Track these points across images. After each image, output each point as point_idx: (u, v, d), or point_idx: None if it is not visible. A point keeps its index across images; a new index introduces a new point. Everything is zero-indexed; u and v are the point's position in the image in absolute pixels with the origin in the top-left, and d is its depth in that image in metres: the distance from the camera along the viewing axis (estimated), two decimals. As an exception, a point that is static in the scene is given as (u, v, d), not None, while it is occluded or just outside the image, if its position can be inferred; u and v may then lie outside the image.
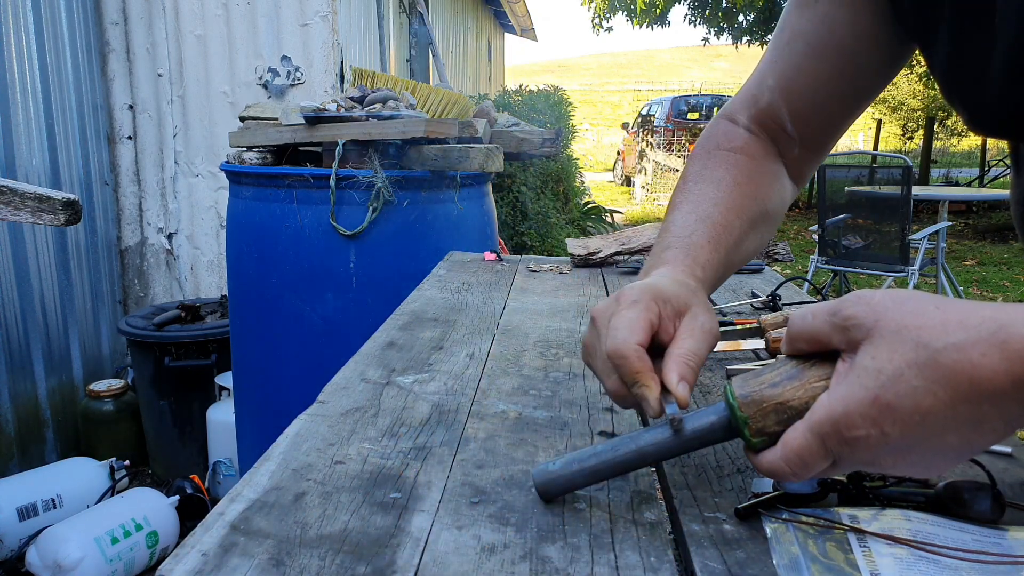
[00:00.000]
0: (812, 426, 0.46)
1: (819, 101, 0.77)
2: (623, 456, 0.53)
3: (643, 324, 0.57)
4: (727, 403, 0.51)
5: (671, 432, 0.53)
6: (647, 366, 0.56)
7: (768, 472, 0.49)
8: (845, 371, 0.45)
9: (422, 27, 5.44)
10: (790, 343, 0.50)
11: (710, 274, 0.68)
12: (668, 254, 0.68)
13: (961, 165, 14.51)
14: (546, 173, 6.34)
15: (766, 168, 0.78)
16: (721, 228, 0.70)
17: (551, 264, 1.50)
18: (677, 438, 0.53)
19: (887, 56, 0.74)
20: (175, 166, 3.43)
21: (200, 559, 0.47)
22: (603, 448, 0.54)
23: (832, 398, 0.45)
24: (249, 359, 2.11)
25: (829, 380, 0.47)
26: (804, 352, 0.49)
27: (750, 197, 0.74)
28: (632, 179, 14.57)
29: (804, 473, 0.47)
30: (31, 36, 2.88)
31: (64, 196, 1.56)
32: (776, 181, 0.79)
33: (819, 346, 0.48)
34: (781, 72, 0.78)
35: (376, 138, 1.88)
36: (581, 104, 23.06)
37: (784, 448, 0.47)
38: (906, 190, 4.76)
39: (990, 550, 0.47)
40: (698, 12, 12.84)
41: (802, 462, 0.46)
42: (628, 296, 0.59)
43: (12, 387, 2.80)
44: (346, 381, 0.80)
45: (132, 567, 2.21)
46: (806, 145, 0.81)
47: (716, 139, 0.80)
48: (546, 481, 0.54)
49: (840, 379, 0.46)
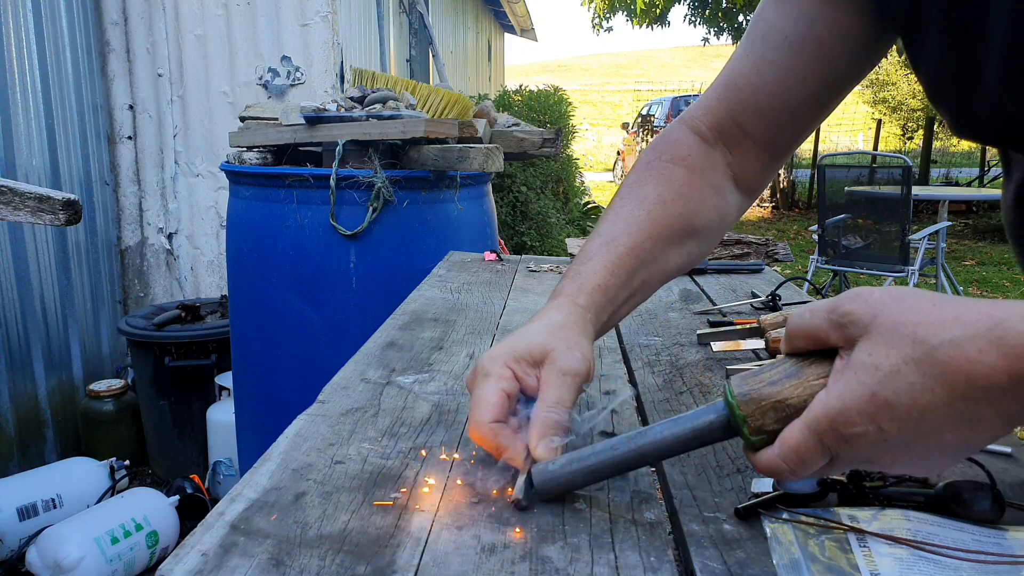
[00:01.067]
0: (810, 423, 0.46)
1: (790, 98, 0.75)
2: (623, 455, 0.53)
3: (496, 399, 0.58)
4: (726, 402, 0.51)
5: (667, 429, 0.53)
6: (504, 441, 0.57)
7: (766, 470, 0.49)
8: (842, 368, 0.45)
9: (422, 27, 5.44)
10: (789, 341, 0.50)
11: (600, 297, 0.68)
12: (563, 283, 0.70)
13: (961, 165, 14.51)
14: (546, 173, 6.34)
15: (705, 182, 0.77)
16: (625, 251, 0.70)
17: (551, 264, 1.50)
18: (677, 437, 0.52)
19: (864, 55, 0.73)
20: (175, 166, 3.43)
21: (200, 559, 0.47)
22: (603, 447, 0.54)
23: (830, 395, 0.45)
24: (249, 359, 2.11)
25: (826, 379, 0.47)
26: (803, 350, 0.49)
27: (674, 215, 0.74)
28: (632, 179, 14.53)
29: (802, 471, 0.47)
30: (31, 36, 2.88)
31: (64, 196, 1.56)
32: (714, 196, 0.78)
33: (817, 344, 0.48)
34: (752, 65, 0.76)
35: (376, 138, 1.88)
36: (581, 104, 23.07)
37: (782, 446, 0.47)
38: (906, 190, 4.76)
39: (990, 550, 0.47)
40: (698, 12, 12.84)
41: (800, 460, 0.46)
42: (483, 368, 0.61)
43: (12, 387, 2.80)
44: (346, 381, 0.80)
45: (132, 567, 2.21)
46: (767, 149, 0.79)
47: (662, 148, 0.79)
48: (545, 480, 0.54)
49: (837, 376, 0.45)
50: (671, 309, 1.17)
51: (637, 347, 0.96)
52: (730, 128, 0.78)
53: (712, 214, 0.77)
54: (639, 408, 0.76)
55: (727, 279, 1.38)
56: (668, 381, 0.84)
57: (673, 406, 0.76)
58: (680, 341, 1.00)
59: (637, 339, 1.00)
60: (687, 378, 0.85)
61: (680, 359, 0.92)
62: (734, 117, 0.78)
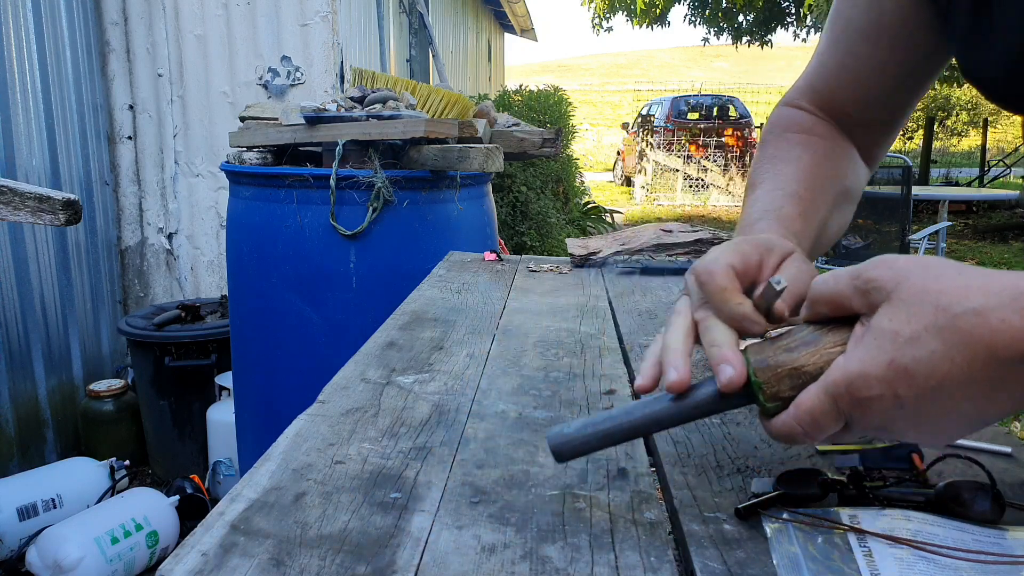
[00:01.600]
0: (827, 387, 0.46)
1: (874, 85, 0.77)
2: (637, 420, 0.52)
3: (734, 257, 0.55)
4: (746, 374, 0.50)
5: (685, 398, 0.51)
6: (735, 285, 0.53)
7: (780, 435, 0.49)
8: (862, 334, 0.45)
9: (422, 27, 5.44)
10: (811, 307, 0.49)
11: (805, 246, 0.65)
12: (760, 225, 0.66)
13: (961, 165, 14.51)
14: (546, 173, 6.34)
15: (839, 147, 0.78)
16: (808, 203, 0.69)
17: (551, 264, 1.50)
18: (691, 404, 0.51)
19: (934, 39, 0.74)
20: (175, 166, 3.43)
21: (200, 559, 0.47)
22: (617, 412, 0.53)
23: (848, 360, 0.45)
24: (249, 359, 2.11)
25: (844, 346, 0.47)
26: (824, 316, 0.49)
27: (830, 176, 0.74)
28: (632, 179, 14.57)
29: (816, 434, 0.47)
30: (31, 36, 2.88)
31: (64, 196, 1.56)
32: (850, 160, 0.79)
33: (840, 310, 0.48)
34: (836, 58, 0.79)
35: (376, 138, 1.88)
36: (581, 104, 23.06)
37: (797, 409, 0.47)
38: (906, 190, 4.77)
39: (990, 550, 0.47)
40: (698, 12, 12.84)
41: (814, 422, 0.46)
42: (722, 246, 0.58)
43: (12, 387, 2.80)
44: (346, 381, 0.80)
45: (132, 567, 2.21)
46: (871, 127, 0.81)
47: (783, 124, 0.80)
48: (561, 443, 0.53)
49: (857, 341, 0.45)
50: (671, 309, 1.17)
51: (637, 347, 0.96)
52: (829, 109, 0.80)
53: (854, 178, 0.79)
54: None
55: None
56: (668, 381, 0.83)
57: (673, 406, 0.76)
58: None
59: (637, 339, 1.00)
60: (687, 378, 0.85)
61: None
62: (829, 101, 0.80)
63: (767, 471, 0.60)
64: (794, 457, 0.63)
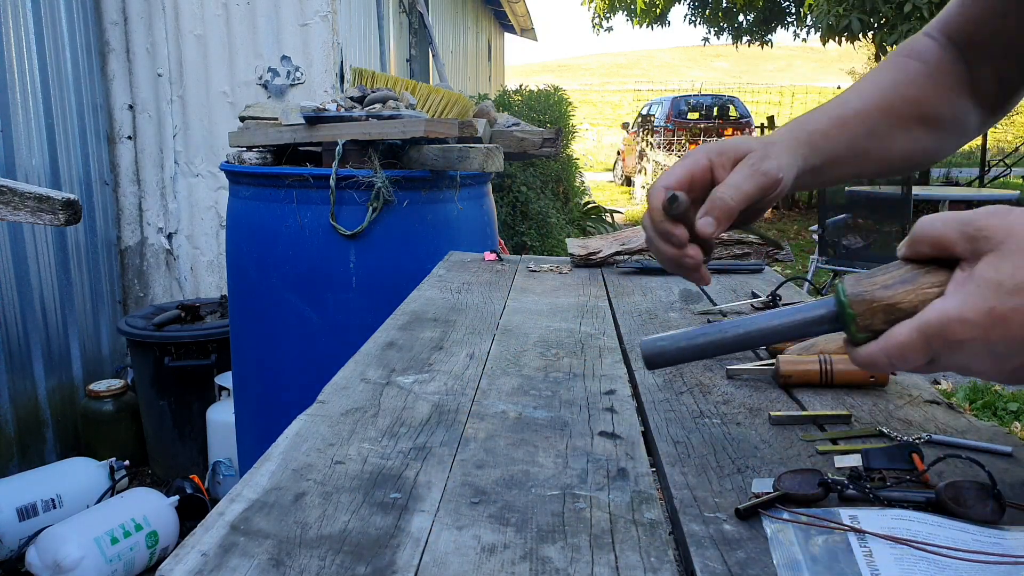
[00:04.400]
0: (922, 326, 0.47)
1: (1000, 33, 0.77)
2: (730, 337, 0.56)
3: (680, 173, 0.62)
4: (837, 300, 0.52)
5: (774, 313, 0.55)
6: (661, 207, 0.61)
7: (864, 362, 0.51)
8: (963, 280, 0.47)
9: (422, 27, 5.44)
10: (911, 245, 0.51)
11: (821, 142, 0.70)
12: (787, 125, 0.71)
13: (961, 165, 14.50)
14: (546, 173, 6.34)
15: (940, 75, 0.79)
16: (853, 111, 0.73)
17: (551, 264, 1.50)
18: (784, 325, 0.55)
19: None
20: (175, 166, 3.43)
21: (200, 559, 0.47)
22: (711, 329, 0.56)
23: (947, 304, 0.47)
24: (249, 359, 2.11)
25: (941, 288, 0.49)
26: (923, 256, 0.50)
27: (906, 97, 0.76)
28: (632, 179, 14.56)
29: (901, 366, 0.50)
30: (31, 36, 2.88)
31: (64, 196, 1.56)
32: (949, 91, 0.79)
33: (942, 252, 0.49)
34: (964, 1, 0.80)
35: (376, 138, 1.88)
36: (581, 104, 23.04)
37: (888, 341, 0.49)
38: (906, 190, 4.76)
39: (990, 550, 0.47)
40: (698, 12, 12.84)
41: (902, 356, 0.49)
42: (687, 154, 0.65)
43: (12, 387, 2.80)
44: (346, 381, 0.80)
45: (132, 567, 2.21)
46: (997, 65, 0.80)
47: (903, 47, 0.82)
48: (655, 352, 0.57)
49: (957, 287, 0.47)
50: (671, 309, 1.17)
51: (637, 347, 0.96)
52: (957, 38, 0.80)
53: (946, 109, 0.79)
54: (639, 408, 0.76)
55: (727, 279, 1.38)
56: (668, 381, 0.84)
57: (673, 406, 0.76)
58: (679, 324, 1.00)
59: (637, 339, 1.00)
60: (687, 378, 0.85)
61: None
62: (957, 30, 0.80)
63: (767, 471, 0.60)
64: (794, 457, 0.63)
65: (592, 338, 0.99)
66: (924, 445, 0.65)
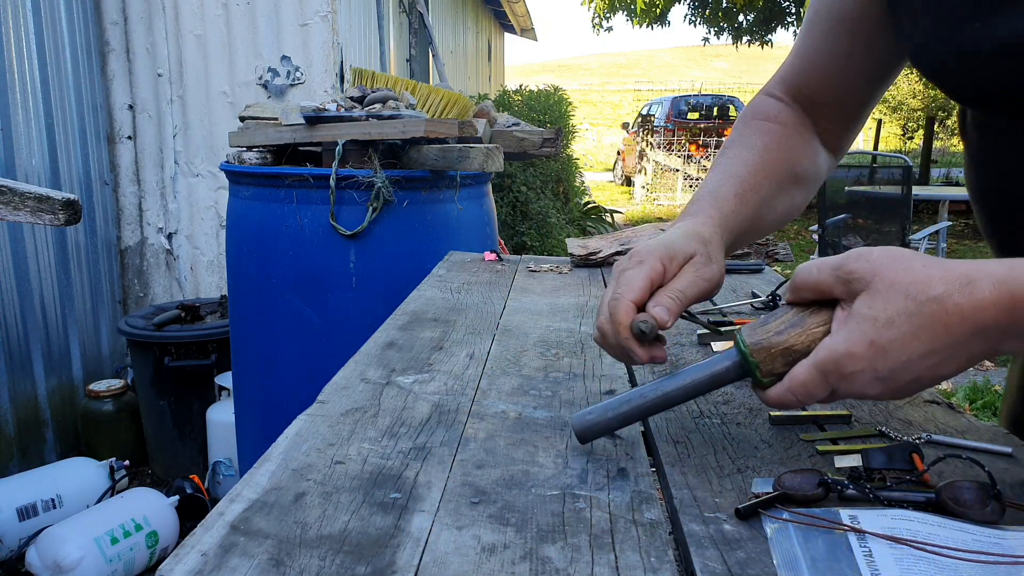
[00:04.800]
0: (817, 364, 0.53)
1: (842, 74, 0.83)
2: (651, 402, 0.61)
3: (641, 283, 0.64)
4: (739, 351, 0.57)
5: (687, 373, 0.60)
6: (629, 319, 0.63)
7: (776, 403, 0.57)
8: (844, 318, 0.53)
9: (422, 27, 5.44)
10: (795, 292, 0.57)
11: (733, 222, 0.74)
12: (693, 207, 0.75)
13: (961, 165, 14.49)
14: (546, 173, 6.34)
15: (797, 135, 0.84)
16: (749, 185, 0.77)
17: (551, 264, 1.50)
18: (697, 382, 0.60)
19: (891, 36, 0.79)
20: (175, 166, 3.43)
21: (200, 559, 0.47)
22: (633, 395, 0.61)
23: (835, 341, 0.53)
24: (249, 359, 2.11)
25: (826, 326, 0.55)
26: (807, 300, 0.56)
27: (780, 161, 0.81)
28: (632, 179, 14.57)
29: (807, 401, 0.55)
30: (31, 36, 2.88)
31: (64, 196, 1.56)
32: (808, 147, 0.85)
33: (822, 295, 0.55)
34: (808, 48, 0.86)
35: (376, 138, 1.88)
36: (581, 104, 23.05)
37: (791, 381, 0.55)
38: (906, 190, 4.77)
39: (990, 550, 0.47)
40: (698, 12, 12.84)
41: (807, 392, 0.54)
42: (637, 256, 0.67)
43: (12, 387, 2.80)
44: (346, 381, 0.80)
45: (132, 567, 2.21)
46: (836, 117, 0.87)
47: (753, 110, 0.87)
48: (584, 427, 0.61)
49: (840, 325, 0.53)
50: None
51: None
52: (800, 96, 0.87)
53: (809, 164, 0.85)
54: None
55: (727, 279, 1.38)
56: (668, 381, 0.83)
57: (673, 406, 0.76)
58: (680, 341, 1.00)
59: (637, 339, 1.00)
60: (687, 378, 0.85)
61: (680, 359, 0.92)
62: (800, 88, 0.86)
63: (767, 471, 0.60)
64: (794, 457, 0.63)
65: (592, 338, 0.99)
66: (924, 445, 0.65)
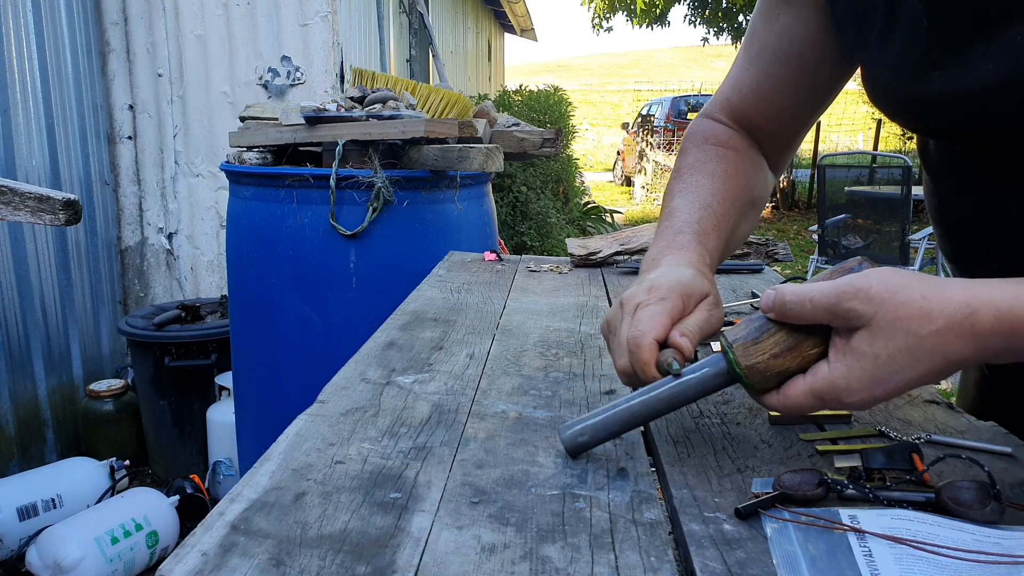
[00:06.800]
0: (815, 392, 0.55)
1: (786, 102, 0.85)
2: (639, 413, 0.61)
3: (664, 320, 0.64)
4: (731, 368, 0.59)
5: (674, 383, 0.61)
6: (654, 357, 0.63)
7: (768, 407, 0.59)
8: (844, 349, 0.54)
9: (422, 27, 5.44)
10: (783, 317, 0.57)
11: (714, 260, 0.76)
12: (681, 239, 0.75)
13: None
14: (546, 173, 6.34)
15: (750, 160, 0.87)
16: (721, 217, 0.78)
17: (551, 264, 1.50)
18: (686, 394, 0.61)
19: (838, 63, 0.81)
20: (175, 166, 3.43)
21: (200, 559, 0.47)
22: (621, 406, 0.61)
23: (834, 374, 0.55)
24: (249, 359, 2.11)
25: (820, 348, 0.56)
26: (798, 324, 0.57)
27: (740, 188, 0.82)
28: (632, 179, 14.57)
29: (797, 414, 0.59)
30: (31, 36, 2.88)
31: (64, 196, 1.56)
32: (759, 171, 0.88)
33: (816, 325, 0.56)
34: (752, 77, 0.86)
35: (376, 138, 1.88)
36: (581, 104, 23.05)
37: (786, 400, 0.57)
38: (906, 190, 4.77)
39: (990, 550, 0.47)
40: (698, 12, 12.84)
41: (799, 409, 0.57)
42: (658, 292, 0.66)
43: (12, 387, 2.79)
44: (346, 381, 0.80)
45: (132, 567, 2.21)
46: (778, 141, 0.89)
47: (703, 134, 0.88)
48: (575, 446, 0.62)
49: (839, 356, 0.55)
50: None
51: (637, 347, 0.96)
52: (743, 122, 0.88)
53: (762, 188, 0.87)
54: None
55: (727, 279, 1.38)
56: (668, 381, 0.84)
57: (673, 406, 0.76)
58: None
59: (637, 339, 1.00)
60: (687, 378, 0.85)
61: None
62: (744, 116, 0.88)
63: (767, 471, 0.60)
64: (794, 457, 0.63)
65: (592, 338, 0.99)
66: (924, 445, 0.65)
